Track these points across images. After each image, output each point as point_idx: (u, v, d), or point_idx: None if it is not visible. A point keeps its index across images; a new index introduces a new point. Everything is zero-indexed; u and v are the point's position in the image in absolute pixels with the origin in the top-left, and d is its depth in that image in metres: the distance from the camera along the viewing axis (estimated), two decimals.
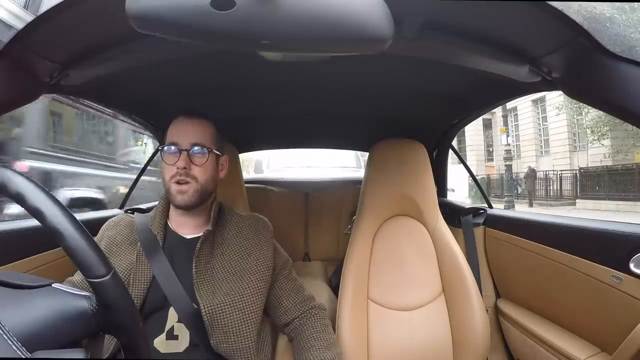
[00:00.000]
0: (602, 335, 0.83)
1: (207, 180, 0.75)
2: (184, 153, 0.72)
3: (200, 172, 0.74)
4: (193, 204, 0.73)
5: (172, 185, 0.73)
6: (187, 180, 0.72)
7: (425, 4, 0.52)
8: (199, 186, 0.73)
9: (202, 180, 0.74)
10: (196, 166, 0.73)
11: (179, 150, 0.72)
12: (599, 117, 10.51)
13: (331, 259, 1.61)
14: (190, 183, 0.72)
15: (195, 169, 0.73)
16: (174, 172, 0.72)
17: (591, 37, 0.50)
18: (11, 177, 0.39)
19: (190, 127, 0.75)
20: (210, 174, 0.76)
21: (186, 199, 0.72)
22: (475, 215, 1.33)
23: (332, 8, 0.40)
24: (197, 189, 0.73)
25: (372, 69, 0.87)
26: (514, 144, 15.10)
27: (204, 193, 0.75)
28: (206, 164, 0.74)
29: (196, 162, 0.73)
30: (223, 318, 0.69)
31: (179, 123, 0.76)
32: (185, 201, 0.72)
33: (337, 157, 3.72)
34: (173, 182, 0.72)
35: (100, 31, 0.58)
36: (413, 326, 0.95)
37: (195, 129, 0.75)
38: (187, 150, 0.73)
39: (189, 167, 0.72)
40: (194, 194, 0.73)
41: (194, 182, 0.73)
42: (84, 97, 0.86)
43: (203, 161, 0.74)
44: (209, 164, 0.75)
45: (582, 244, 0.88)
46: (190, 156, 0.73)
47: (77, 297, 0.41)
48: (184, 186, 0.72)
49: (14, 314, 0.37)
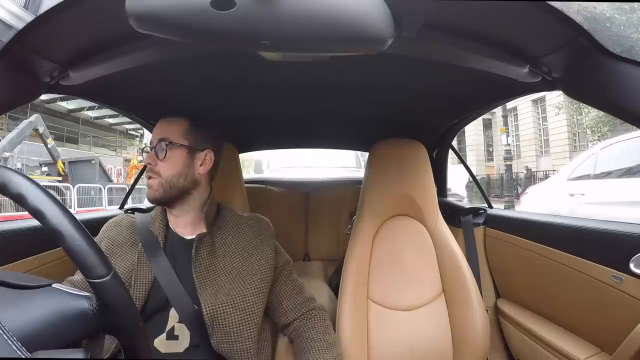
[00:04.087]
0: (602, 335, 0.83)
1: (174, 175, 0.74)
2: (153, 150, 0.75)
3: (164, 167, 0.74)
4: (159, 199, 0.74)
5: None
6: (151, 176, 0.75)
7: (425, 4, 0.52)
8: (163, 180, 0.74)
9: (166, 174, 0.74)
10: (161, 162, 0.74)
11: (150, 148, 0.76)
12: (599, 117, 10.52)
13: (331, 259, 1.60)
14: (154, 178, 0.74)
15: (160, 165, 0.74)
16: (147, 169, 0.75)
17: (591, 37, 0.50)
18: (12, 178, 0.39)
19: (160, 126, 0.77)
20: (178, 169, 0.75)
21: (151, 194, 0.74)
22: (475, 215, 1.33)
23: (332, 8, 0.40)
24: (161, 183, 0.74)
25: (372, 69, 0.87)
26: (514, 144, 15.11)
27: (171, 188, 0.74)
28: (170, 158, 0.74)
29: (160, 157, 0.74)
30: (224, 318, 0.69)
31: (158, 123, 0.79)
32: (150, 196, 0.75)
33: (337, 157, 3.72)
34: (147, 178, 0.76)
35: (100, 31, 0.58)
36: (413, 326, 0.95)
37: (163, 127, 0.77)
38: (154, 146, 0.75)
39: (154, 163, 0.74)
40: (158, 188, 0.74)
41: (158, 177, 0.74)
42: (84, 97, 0.86)
43: (163, 155, 0.74)
44: (175, 158, 0.75)
45: (582, 244, 0.88)
46: (157, 152, 0.75)
47: (77, 297, 0.41)
48: (149, 181, 0.75)
49: (14, 314, 0.37)
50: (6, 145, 8.95)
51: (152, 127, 1.28)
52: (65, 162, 10.51)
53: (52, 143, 10.10)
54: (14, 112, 11.22)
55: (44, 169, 10.53)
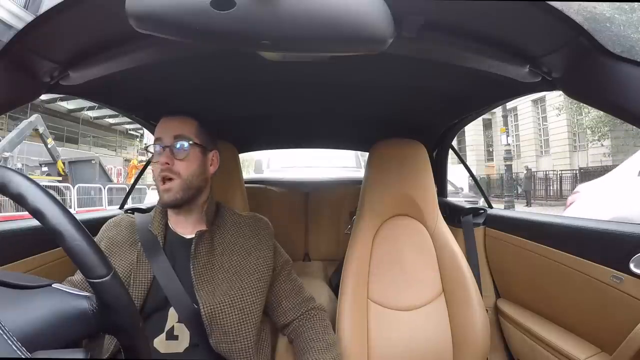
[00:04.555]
0: (602, 335, 0.83)
1: (193, 175, 0.74)
2: (167, 149, 0.73)
3: (184, 167, 0.73)
4: (179, 200, 0.73)
5: (159, 184, 0.73)
6: (170, 177, 0.72)
7: (425, 4, 0.52)
8: (183, 181, 0.72)
9: (186, 175, 0.73)
10: (179, 161, 0.73)
11: (162, 147, 0.73)
12: (599, 117, 10.53)
13: (331, 259, 1.60)
14: (173, 179, 0.72)
15: (179, 164, 0.72)
16: (159, 169, 0.72)
17: (591, 37, 0.50)
18: (12, 178, 0.39)
19: (173, 123, 0.75)
20: (195, 168, 0.74)
21: (171, 197, 0.72)
22: (475, 215, 1.33)
23: (332, 8, 0.40)
24: (182, 185, 0.72)
25: (372, 69, 0.87)
26: (514, 144, 15.12)
27: (190, 188, 0.74)
28: (190, 158, 0.73)
29: (178, 156, 0.73)
30: (222, 318, 0.69)
31: (162, 122, 0.76)
32: (171, 199, 0.72)
33: (336, 157, 3.72)
34: (159, 180, 0.73)
35: (100, 31, 0.58)
36: (413, 326, 0.95)
37: (176, 124, 0.75)
38: (169, 146, 0.73)
39: (171, 163, 0.72)
40: (179, 190, 0.72)
41: (178, 178, 0.72)
42: (84, 97, 0.86)
43: (185, 155, 0.73)
44: (193, 157, 0.74)
45: (582, 243, 0.88)
46: (173, 152, 0.73)
47: (77, 297, 0.41)
48: (167, 183, 0.72)
49: (14, 314, 0.37)
50: (6, 145, 8.96)
51: (152, 127, 1.29)
52: (65, 162, 10.51)
53: (52, 143, 10.11)
54: (14, 112, 11.22)
55: (44, 169, 10.53)
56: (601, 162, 11.59)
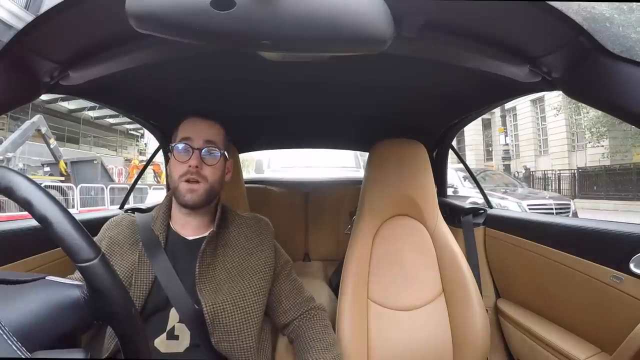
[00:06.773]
0: (602, 335, 0.83)
1: (216, 181, 0.76)
2: (197, 152, 0.73)
3: (211, 173, 0.74)
4: (201, 203, 0.74)
5: (182, 183, 0.73)
6: (197, 180, 0.72)
7: (425, 4, 0.52)
8: (209, 186, 0.74)
9: (212, 180, 0.74)
10: (208, 166, 0.74)
11: (192, 149, 0.73)
12: (597, 118, 10.53)
13: (331, 259, 1.61)
14: (200, 182, 0.73)
15: (207, 169, 0.74)
16: (185, 170, 0.72)
17: (591, 37, 0.50)
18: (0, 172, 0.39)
19: (205, 126, 0.76)
20: (219, 175, 0.77)
21: (195, 199, 0.72)
22: (475, 215, 1.33)
23: (332, 8, 0.40)
24: (207, 189, 0.74)
25: (372, 68, 0.87)
26: (513, 144, 15.12)
27: (212, 193, 0.75)
28: (217, 165, 0.75)
29: (208, 162, 0.74)
30: (224, 317, 0.69)
31: (193, 122, 0.76)
32: (194, 200, 0.72)
33: (336, 157, 3.73)
34: (183, 180, 0.73)
35: (100, 31, 0.58)
36: (413, 326, 0.95)
37: (209, 129, 0.76)
38: (199, 149, 0.73)
39: (200, 167, 0.72)
40: (203, 193, 0.73)
41: (204, 182, 0.73)
42: (84, 97, 0.86)
43: (215, 162, 0.74)
44: (220, 165, 0.76)
45: (582, 244, 0.88)
46: (203, 156, 0.73)
47: (69, 286, 0.41)
48: (194, 185, 0.72)
49: (9, 309, 0.37)
50: (9, 146, 8.97)
51: (152, 127, 1.29)
52: (67, 162, 10.52)
53: (55, 143, 10.11)
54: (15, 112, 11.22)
55: (46, 169, 10.53)
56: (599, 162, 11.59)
